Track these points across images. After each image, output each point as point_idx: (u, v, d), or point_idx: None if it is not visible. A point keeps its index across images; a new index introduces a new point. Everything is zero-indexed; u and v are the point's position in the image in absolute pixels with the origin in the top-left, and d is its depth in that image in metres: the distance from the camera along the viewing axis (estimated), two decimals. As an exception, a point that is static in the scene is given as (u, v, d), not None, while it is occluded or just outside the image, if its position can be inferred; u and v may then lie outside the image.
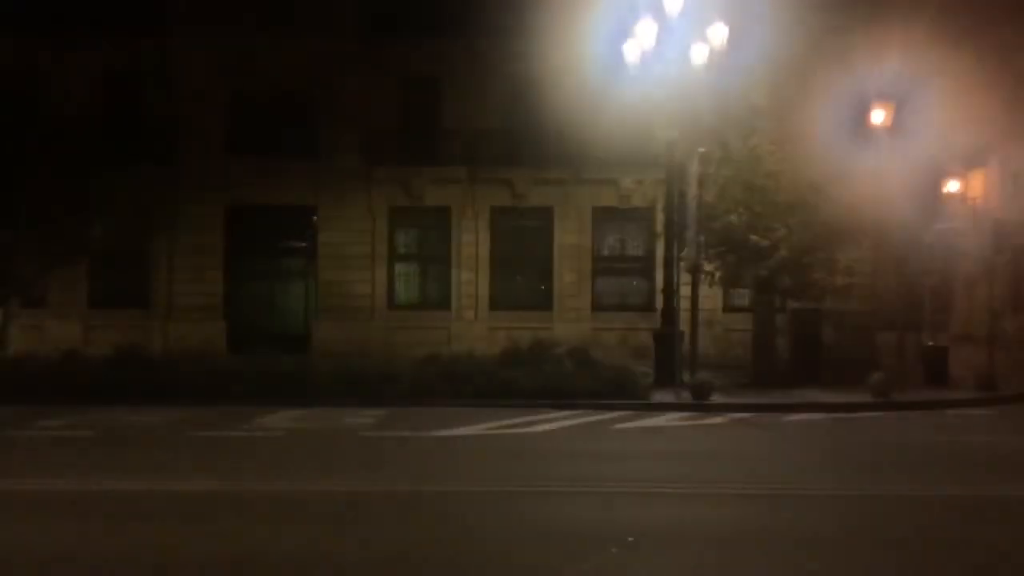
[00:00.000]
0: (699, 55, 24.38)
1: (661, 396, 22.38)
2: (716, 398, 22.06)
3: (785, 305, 27.66)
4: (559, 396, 21.47)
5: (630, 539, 9.81)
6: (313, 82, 34.05)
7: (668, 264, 25.34)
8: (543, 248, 35.07)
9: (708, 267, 25.40)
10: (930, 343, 25.91)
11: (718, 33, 24.20)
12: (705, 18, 24.60)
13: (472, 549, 9.60)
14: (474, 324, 34.46)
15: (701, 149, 23.67)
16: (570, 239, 34.89)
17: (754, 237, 24.55)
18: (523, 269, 35.27)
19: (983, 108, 44.65)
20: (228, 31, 33.67)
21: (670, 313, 24.90)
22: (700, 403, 21.59)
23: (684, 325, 25.08)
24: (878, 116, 38.90)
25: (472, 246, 34.92)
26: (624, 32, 25.56)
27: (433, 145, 34.41)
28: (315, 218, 34.80)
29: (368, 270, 34.77)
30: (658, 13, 24.38)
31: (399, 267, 35.60)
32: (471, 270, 34.89)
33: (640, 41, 24.80)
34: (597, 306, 34.90)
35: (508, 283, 35.16)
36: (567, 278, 34.89)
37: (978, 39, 40.03)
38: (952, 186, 55.60)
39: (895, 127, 34.33)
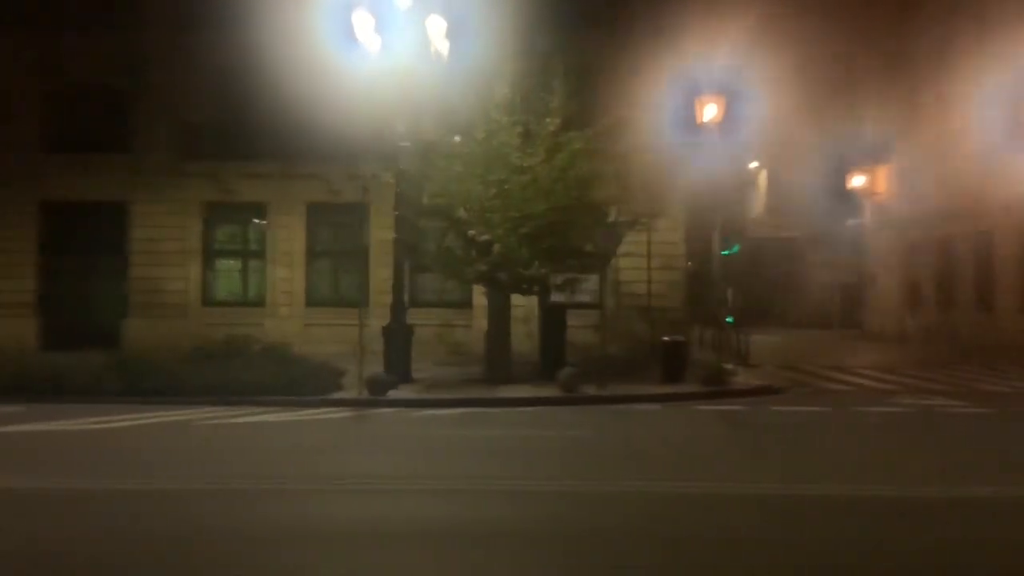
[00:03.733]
0: (428, 47, 24.17)
1: (347, 393, 22.07)
2: (395, 394, 21.76)
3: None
4: (233, 392, 21.24)
5: None
6: (124, 77, 33.91)
7: (397, 260, 25.12)
8: (359, 244, 34.58)
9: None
10: (665, 338, 25.36)
11: (439, 26, 23.95)
12: (438, 10, 24.34)
13: None
14: (290, 321, 34.23)
15: (405, 143, 23.46)
16: (385, 235, 34.16)
17: (471, 232, 24.17)
18: (339, 265, 34.91)
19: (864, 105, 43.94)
20: (38, 25, 33.69)
21: (396, 308, 24.68)
22: (373, 399, 21.31)
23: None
24: (710, 111, 38.21)
25: (288, 242, 34.67)
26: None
27: (246, 140, 33.93)
28: (128, 214, 34.62)
29: (182, 267, 34.59)
30: (387, 5, 24.12)
31: (214, 263, 35.44)
32: (287, 266, 34.64)
33: (365, 33, 24.49)
34: (414, 302, 34.40)
35: (324, 279, 34.88)
36: (382, 274, 34.35)
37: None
38: (857, 181, 54.96)
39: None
